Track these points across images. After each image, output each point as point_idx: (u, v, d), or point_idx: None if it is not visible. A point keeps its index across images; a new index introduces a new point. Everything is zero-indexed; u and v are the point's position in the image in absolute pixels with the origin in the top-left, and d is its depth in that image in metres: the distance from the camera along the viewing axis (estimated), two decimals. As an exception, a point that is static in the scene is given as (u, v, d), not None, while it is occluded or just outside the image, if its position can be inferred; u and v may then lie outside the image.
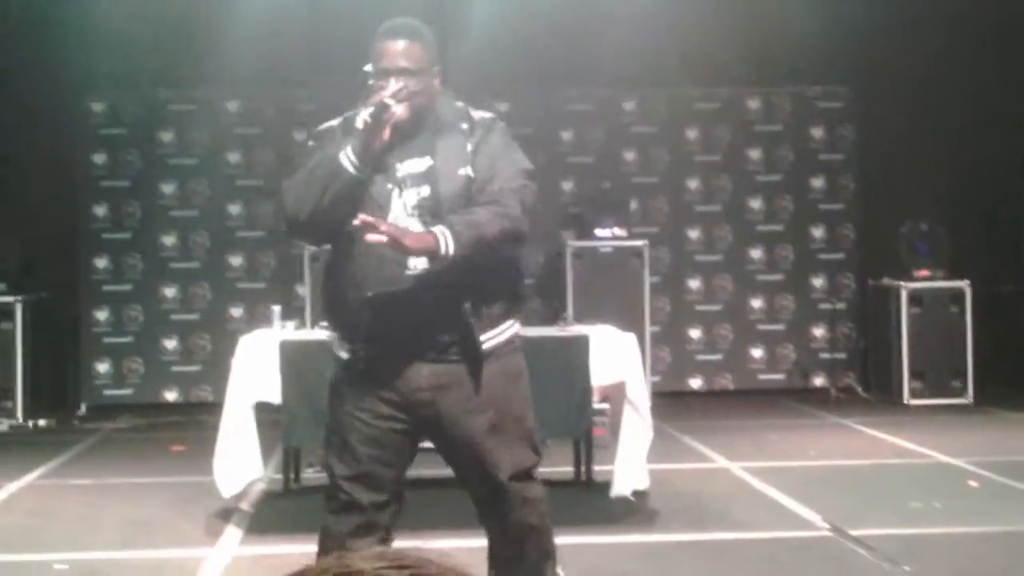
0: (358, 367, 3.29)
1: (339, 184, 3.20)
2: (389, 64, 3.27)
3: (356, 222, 3.11)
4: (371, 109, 3.18)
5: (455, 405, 3.28)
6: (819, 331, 9.72)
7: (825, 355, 9.64)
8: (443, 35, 8.66)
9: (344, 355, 3.34)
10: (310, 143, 3.47)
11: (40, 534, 5.33)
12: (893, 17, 9.31)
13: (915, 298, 9.08)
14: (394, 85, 3.21)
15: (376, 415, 3.29)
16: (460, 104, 3.42)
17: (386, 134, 3.21)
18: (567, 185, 9.71)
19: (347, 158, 3.21)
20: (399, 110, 3.20)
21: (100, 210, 9.37)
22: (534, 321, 8.90)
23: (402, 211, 3.24)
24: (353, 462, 3.31)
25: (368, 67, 3.32)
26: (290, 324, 6.12)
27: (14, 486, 6.34)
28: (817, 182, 9.82)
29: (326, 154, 3.26)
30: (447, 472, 3.56)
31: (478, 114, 3.39)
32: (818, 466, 6.77)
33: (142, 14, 8.93)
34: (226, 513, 5.53)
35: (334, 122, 3.43)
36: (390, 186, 3.26)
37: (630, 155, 9.76)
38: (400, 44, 3.30)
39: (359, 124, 3.27)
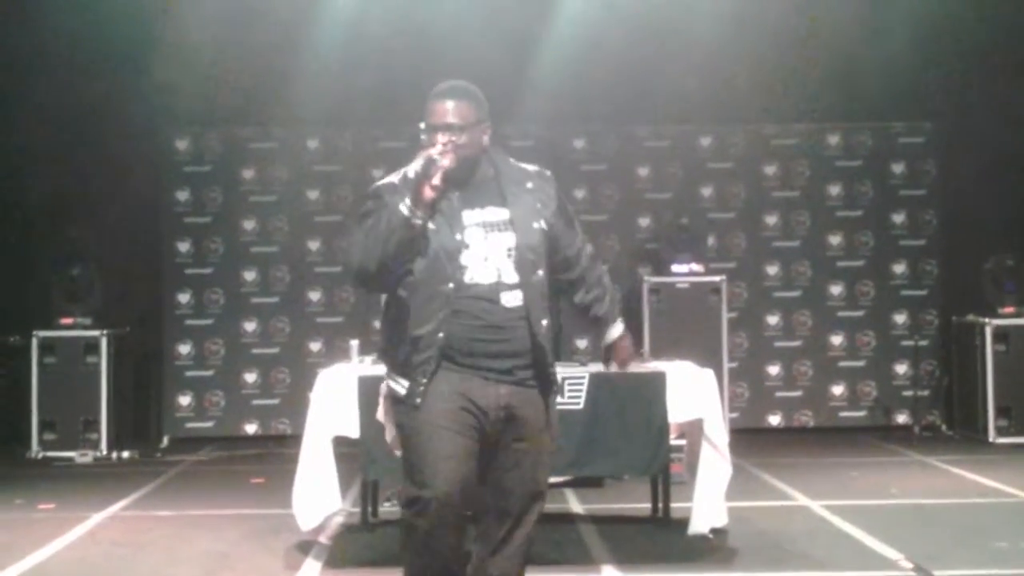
0: (414, 402, 3.53)
1: (400, 232, 3.50)
2: (437, 121, 3.60)
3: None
4: (420, 162, 3.52)
5: (527, 423, 3.59)
6: (901, 368, 9.57)
7: (907, 392, 9.48)
8: (520, 74, 8.79)
9: (402, 391, 3.57)
10: (368, 202, 3.67)
11: (123, 564, 5.40)
12: (975, 51, 9.21)
13: (1000, 335, 8.92)
14: (441, 139, 3.55)
15: (460, 423, 3.53)
16: (512, 160, 3.77)
17: (436, 183, 3.50)
18: (644, 221, 9.70)
19: (404, 206, 3.51)
20: (445, 162, 3.50)
21: (183, 246, 9.55)
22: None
23: (499, 253, 3.57)
24: (449, 470, 3.49)
25: (422, 125, 3.64)
26: (368, 358, 6.16)
27: (99, 517, 6.45)
28: (898, 217, 9.71)
29: (389, 206, 3.54)
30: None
31: (532, 168, 3.77)
32: (901, 505, 6.64)
33: (225, 54, 9.13)
34: (305, 546, 5.57)
35: (394, 178, 3.67)
36: (459, 236, 3.55)
37: (707, 191, 9.74)
38: (449, 104, 3.62)
39: (411, 175, 3.57)
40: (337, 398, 5.51)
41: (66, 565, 5.41)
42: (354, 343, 6.28)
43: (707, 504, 5.52)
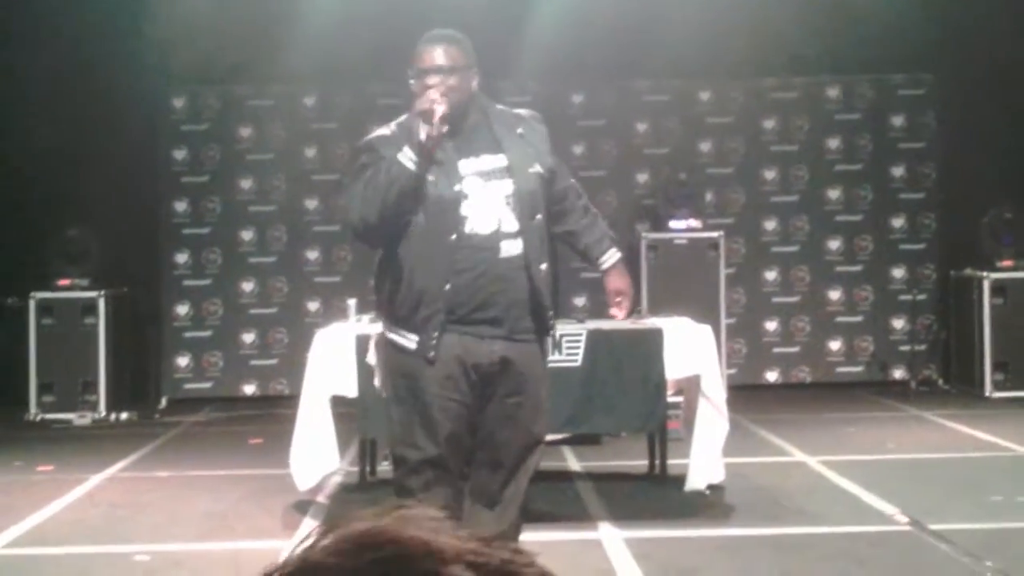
0: (427, 355, 3.51)
1: (402, 181, 3.47)
2: (427, 65, 3.61)
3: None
4: (418, 108, 3.51)
5: (522, 374, 3.63)
6: (899, 323, 9.56)
7: (905, 347, 9.47)
8: (517, 29, 8.72)
9: (412, 345, 3.54)
10: (362, 156, 3.67)
11: (122, 525, 5.44)
12: (976, 2, 9.12)
13: (998, 288, 8.90)
14: (432, 80, 3.55)
15: (455, 389, 3.56)
16: (500, 106, 3.79)
17: (437, 127, 3.48)
18: (642, 177, 9.66)
19: (406, 157, 3.49)
20: (443, 106, 3.48)
21: (180, 205, 9.51)
22: (608, 314, 8.90)
23: (497, 201, 3.57)
24: (440, 434, 3.54)
25: (410, 72, 3.66)
26: (365, 317, 6.15)
27: (97, 478, 6.47)
28: (897, 171, 9.66)
29: (386, 158, 3.52)
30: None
31: (522, 112, 3.79)
32: (897, 459, 6.66)
33: (220, 10, 9.05)
34: (303, 505, 5.60)
35: (385, 130, 3.68)
36: (457, 187, 3.53)
37: (705, 146, 9.68)
38: (438, 48, 3.64)
39: (407, 124, 3.59)
40: (335, 358, 5.52)
41: (65, 526, 5.44)
42: (351, 302, 6.28)
43: (704, 460, 5.54)
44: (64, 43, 8.91)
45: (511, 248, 3.55)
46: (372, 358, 3.94)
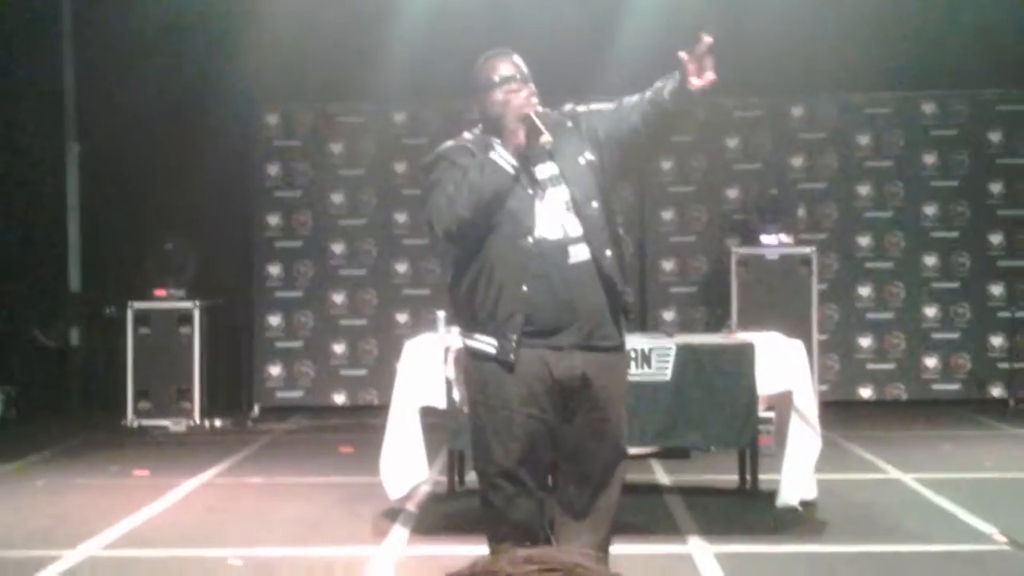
0: (507, 359, 3.50)
1: (498, 180, 3.52)
2: (508, 73, 3.66)
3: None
4: (525, 112, 3.55)
5: (605, 388, 3.59)
6: (997, 340, 9.36)
7: (1003, 365, 9.27)
8: (603, 46, 8.71)
9: (491, 350, 3.54)
10: (440, 165, 3.68)
11: (216, 530, 5.52)
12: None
13: (1101, 307, 8.66)
14: (513, 87, 3.60)
15: (535, 405, 3.54)
16: (545, 109, 3.76)
17: (536, 127, 3.53)
18: (732, 192, 9.59)
19: (501, 158, 3.53)
20: (538, 107, 3.58)
21: (273, 219, 9.67)
22: (698, 328, 8.83)
23: (559, 207, 3.58)
24: (519, 450, 3.52)
25: (495, 78, 3.66)
26: (454, 329, 6.18)
27: (192, 483, 6.58)
28: (995, 187, 9.47)
29: (476, 161, 3.57)
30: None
31: (566, 108, 3.77)
32: (995, 478, 6.51)
33: (312, 30, 9.19)
34: (393, 514, 5.63)
35: (454, 143, 3.73)
36: (531, 191, 3.57)
37: (797, 161, 9.58)
38: (511, 59, 3.70)
39: (512, 125, 3.57)
40: (424, 369, 5.53)
41: (161, 530, 5.53)
42: (440, 314, 6.30)
43: (796, 476, 5.45)
44: (164, 63, 9.12)
45: (579, 253, 3.55)
46: (451, 372, 3.94)
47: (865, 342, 9.43)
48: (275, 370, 9.57)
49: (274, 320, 9.61)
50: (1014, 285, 9.40)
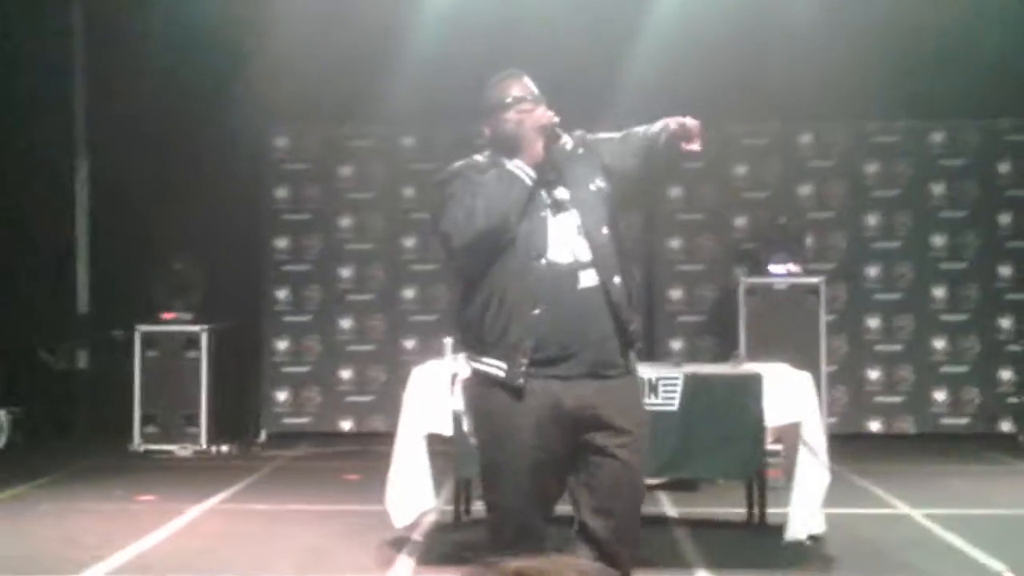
0: (517, 383, 3.46)
1: (517, 191, 3.53)
2: (521, 93, 3.67)
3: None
4: (544, 122, 3.58)
5: (621, 414, 3.53)
6: (1007, 374, 9.32)
7: (1013, 399, 9.22)
8: (614, 72, 8.73)
9: (500, 372, 3.49)
10: (451, 184, 3.64)
11: (221, 556, 5.49)
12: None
13: (1111, 340, 8.62)
14: (526, 107, 3.61)
15: (543, 436, 3.48)
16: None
17: (558, 136, 3.57)
18: (740, 221, 9.57)
19: (520, 171, 3.55)
20: (556, 120, 3.59)
21: (281, 242, 9.67)
22: (705, 359, 8.80)
23: (570, 231, 3.56)
24: (528, 483, 3.48)
25: (508, 99, 3.66)
26: (462, 356, 6.17)
27: (197, 509, 6.56)
28: (1004, 218, 9.45)
29: (493, 174, 3.57)
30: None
31: (576, 134, 3.74)
32: (1006, 515, 6.46)
33: (323, 52, 9.20)
34: (398, 543, 5.60)
35: (465, 161, 3.71)
36: (542, 214, 3.56)
37: (806, 190, 9.57)
38: (524, 79, 3.71)
39: (530, 136, 3.58)
40: (431, 395, 5.52)
41: (165, 556, 5.51)
42: (448, 341, 6.28)
43: (805, 510, 5.42)
44: (173, 84, 9.13)
45: (588, 279, 3.52)
46: (458, 403, 3.90)
47: (874, 374, 9.39)
48: (282, 395, 9.55)
49: (282, 344, 9.60)
50: (1023, 318, 9.36)
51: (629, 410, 3.58)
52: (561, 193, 3.61)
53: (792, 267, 9.01)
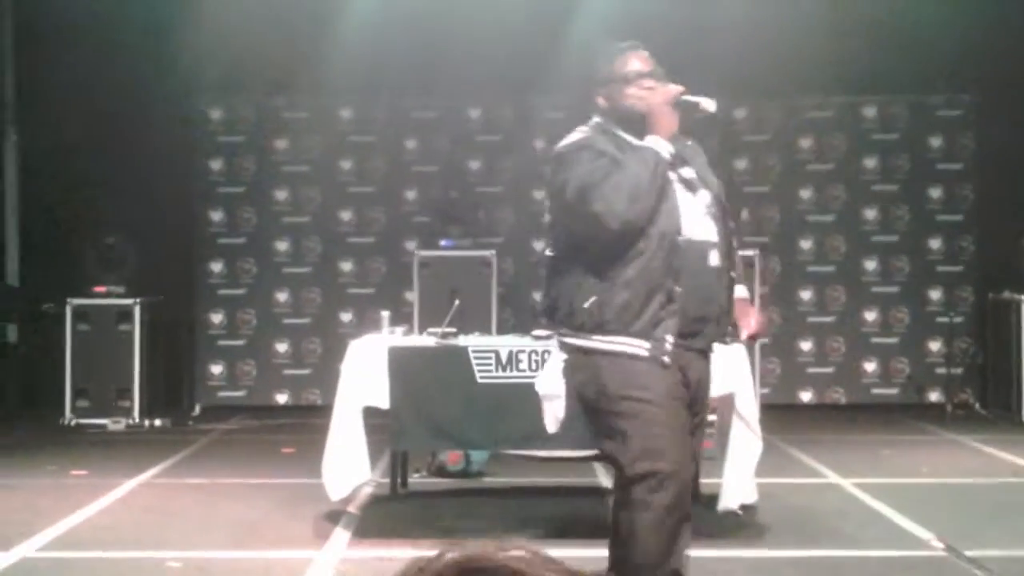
0: (661, 358, 3.45)
1: (662, 169, 3.49)
2: (650, 68, 3.66)
3: None
4: (675, 94, 3.59)
5: (706, 391, 3.70)
6: (935, 345, 9.49)
7: (941, 370, 9.40)
8: (554, 42, 8.71)
9: (643, 352, 3.45)
10: (585, 151, 3.54)
11: (154, 531, 5.45)
12: (1014, 23, 9.06)
13: (1036, 312, 8.80)
14: (649, 83, 3.61)
15: (683, 403, 3.54)
16: None
17: (676, 121, 3.58)
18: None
19: (662, 147, 3.52)
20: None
21: (216, 215, 9.57)
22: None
23: (700, 210, 3.58)
24: (688, 445, 3.58)
25: (636, 68, 3.65)
26: (399, 329, 6.16)
27: (130, 484, 6.50)
28: (935, 192, 9.60)
29: (636, 153, 3.50)
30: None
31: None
32: (932, 484, 6.60)
33: (258, 22, 9.10)
34: (334, 516, 5.60)
35: (584, 135, 3.60)
36: (679, 189, 3.57)
37: (741, 164, 9.65)
38: (643, 53, 3.70)
39: (663, 111, 3.57)
40: (368, 369, 5.51)
41: (98, 530, 5.46)
42: (385, 314, 6.27)
43: (737, 480, 5.49)
44: (101, 55, 8.99)
45: (715, 258, 3.55)
46: (550, 386, 3.73)
47: (806, 346, 9.52)
48: (217, 369, 9.48)
49: (216, 318, 9.52)
50: (951, 290, 9.53)
51: (707, 396, 3.74)
52: (687, 172, 3.62)
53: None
